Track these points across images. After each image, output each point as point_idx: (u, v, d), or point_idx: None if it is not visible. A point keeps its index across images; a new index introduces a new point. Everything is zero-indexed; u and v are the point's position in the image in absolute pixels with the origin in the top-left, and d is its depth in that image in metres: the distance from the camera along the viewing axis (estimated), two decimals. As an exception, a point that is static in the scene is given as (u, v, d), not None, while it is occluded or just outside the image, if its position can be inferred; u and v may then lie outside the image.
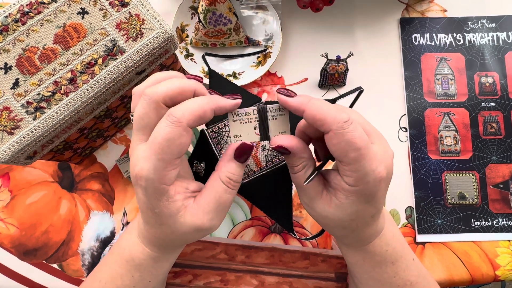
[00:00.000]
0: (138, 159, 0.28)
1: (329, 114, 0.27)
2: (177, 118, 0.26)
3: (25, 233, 0.52)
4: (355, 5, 0.59)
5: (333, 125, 0.27)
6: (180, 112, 0.26)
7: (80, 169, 0.54)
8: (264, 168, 0.37)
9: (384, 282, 0.36)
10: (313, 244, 0.52)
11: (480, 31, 0.58)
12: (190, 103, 0.27)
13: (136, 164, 0.28)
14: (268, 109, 0.30)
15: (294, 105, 0.28)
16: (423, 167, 0.54)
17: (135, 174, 0.28)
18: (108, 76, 0.38)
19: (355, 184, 0.28)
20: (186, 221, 0.29)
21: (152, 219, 0.31)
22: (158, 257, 0.36)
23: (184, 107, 0.27)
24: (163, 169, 0.27)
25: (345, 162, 0.28)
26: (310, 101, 0.28)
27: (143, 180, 0.28)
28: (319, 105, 0.28)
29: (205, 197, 0.30)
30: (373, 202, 0.30)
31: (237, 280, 0.50)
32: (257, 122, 0.30)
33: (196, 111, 0.27)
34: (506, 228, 0.52)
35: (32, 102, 0.37)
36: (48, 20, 0.38)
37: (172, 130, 0.26)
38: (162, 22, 0.39)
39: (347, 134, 0.27)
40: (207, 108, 0.27)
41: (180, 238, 0.32)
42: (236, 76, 0.55)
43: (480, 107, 0.55)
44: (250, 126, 0.30)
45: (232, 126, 0.30)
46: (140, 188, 0.29)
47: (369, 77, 0.57)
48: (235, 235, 0.52)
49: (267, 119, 0.30)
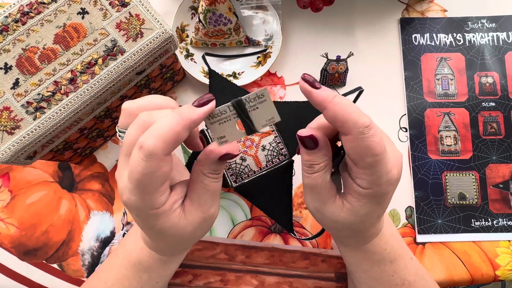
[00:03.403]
0: (123, 189, 0.27)
1: (351, 117, 0.25)
2: (149, 151, 0.24)
3: (25, 233, 0.52)
4: (355, 5, 0.59)
5: (353, 129, 0.25)
6: (151, 143, 0.24)
7: (80, 169, 0.54)
8: (264, 168, 0.37)
9: (382, 281, 0.36)
10: (313, 244, 0.52)
11: (480, 31, 0.58)
12: (159, 128, 0.24)
13: (122, 193, 0.27)
14: (244, 100, 0.26)
15: (317, 100, 0.26)
16: (423, 167, 0.54)
17: (124, 202, 0.27)
18: (108, 76, 0.38)
19: (369, 187, 0.28)
20: (189, 221, 0.29)
21: (153, 235, 0.31)
22: (168, 259, 0.36)
23: (154, 135, 0.24)
24: (150, 199, 0.26)
25: (360, 166, 0.27)
26: (334, 99, 0.26)
27: (133, 210, 0.27)
28: (343, 105, 0.26)
29: (196, 192, 0.29)
30: (383, 203, 0.30)
31: (237, 280, 0.50)
32: (236, 118, 0.27)
33: (169, 137, 0.24)
34: (506, 228, 0.52)
35: (32, 102, 0.37)
36: (48, 20, 0.38)
37: (149, 165, 0.24)
38: (162, 22, 0.39)
39: (366, 140, 0.25)
40: (180, 129, 0.24)
41: (189, 239, 0.31)
42: (236, 76, 0.55)
43: (480, 107, 0.55)
44: (231, 124, 0.27)
45: (212, 128, 0.27)
46: (133, 214, 0.28)
47: (369, 77, 0.57)
48: (235, 235, 0.52)
49: (247, 112, 0.27)
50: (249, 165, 0.37)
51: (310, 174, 0.29)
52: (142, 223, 0.29)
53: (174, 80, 0.54)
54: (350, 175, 0.29)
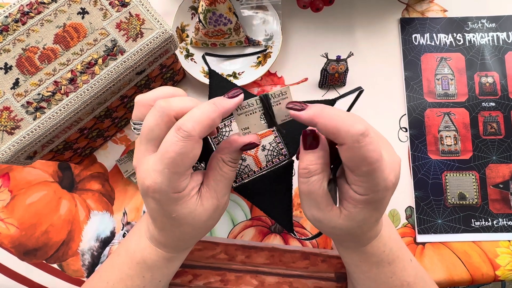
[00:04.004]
0: (148, 172, 0.28)
1: (342, 127, 0.26)
2: (188, 132, 0.26)
3: (25, 233, 0.52)
4: (355, 5, 0.59)
5: (347, 138, 0.26)
6: (190, 125, 0.26)
7: (80, 169, 0.54)
8: (264, 168, 0.37)
9: (381, 282, 0.36)
10: (313, 244, 0.52)
11: (480, 31, 0.58)
12: (198, 113, 0.27)
13: (145, 177, 0.28)
14: (270, 95, 0.29)
15: (307, 119, 0.28)
16: (423, 167, 0.54)
17: (147, 186, 0.28)
18: (108, 76, 0.38)
19: (365, 193, 0.28)
20: (205, 208, 0.30)
21: (168, 225, 0.31)
22: (172, 257, 0.36)
23: (193, 119, 0.27)
24: (177, 180, 0.27)
25: (356, 173, 0.27)
26: (321, 113, 0.27)
27: (156, 193, 0.28)
28: (331, 116, 0.26)
29: (213, 178, 0.31)
30: (380, 208, 0.30)
31: (237, 280, 0.50)
32: (261, 111, 0.30)
33: (206, 122, 0.27)
34: (506, 228, 0.52)
35: (32, 102, 0.37)
36: (48, 20, 0.38)
37: (185, 145, 0.26)
38: (162, 22, 0.39)
39: (361, 149, 0.25)
40: (215, 116, 0.27)
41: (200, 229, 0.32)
42: (236, 76, 0.55)
43: (480, 107, 0.55)
44: (255, 116, 0.30)
45: (238, 120, 0.30)
46: (153, 199, 0.29)
47: (369, 77, 0.57)
48: (235, 235, 0.52)
49: (271, 106, 0.30)
50: (249, 165, 0.37)
51: (307, 178, 0.29)
52: (161, 208, 0.29)
53: (174, 80, 0.54)
54: (346, 181, 0.29)
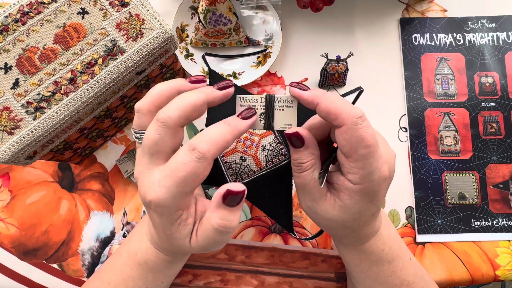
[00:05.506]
0: (153, 186, 0.27)
1: (343, 109, 0.27)
2: (202, 153, 0.25)
3: (25, 233, 0.52)
4: (355, 5, 0.59)
5: (347, 119, 0.26)
6: (205, 147, 0.26)
7: (80, 169, 0.54)
8: (264, 168, 0.37)
9: (380, 281, 0.36)
10: (313, 244, 0.52)
11: (480, 31, 0.58)
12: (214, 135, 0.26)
13: (149, 191, 0.27)
14: (276, 98, 0.29)
15: (308, 98, 0.28)
16: (423, 167, 0.54)
17: (150, 199, 0.27)
18: (108, 76, 0.38)
19: (360, 182, 0.28)
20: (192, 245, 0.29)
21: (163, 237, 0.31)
22: (173, 260, 0.36)
23: (208, 140, 0.26)
24: (183, 198, 0.27)
25: (352, 158, 0.28)
26: (324, 95, 0.28)
27: (159, 207, 0.27)
28: (333, 99, 0.27)
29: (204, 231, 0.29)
30: (376, 201, 0.30)
31: (237, 280, 0.50)
32: (262, 109, 0.30)
33: (220, 144, 0.26)
34: (506, 228, 0.52)
35: (32, 102, 0.37)
36: (48, 20, 0.38)
37: (198, 166, 0.25)
38: (162, 22, 0.39)
39: (360, 130, 0.26)
40: (230, 139, 0.27)
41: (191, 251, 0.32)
42: (236, 76, 0.55)
43: (480, 107, 0.55)
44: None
45: (239, 110, 0.30)
46: (155, 213, 0.28)
47: (369, 77, 0.57)
48: (235, 235, 0.52)
49: (273, 108, 0.30)
50: (249, 165, 0.37)
51: (299, 173, 0.30)
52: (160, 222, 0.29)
53: (174, 80, 0.54)
54: (342, 172, 0.30)
